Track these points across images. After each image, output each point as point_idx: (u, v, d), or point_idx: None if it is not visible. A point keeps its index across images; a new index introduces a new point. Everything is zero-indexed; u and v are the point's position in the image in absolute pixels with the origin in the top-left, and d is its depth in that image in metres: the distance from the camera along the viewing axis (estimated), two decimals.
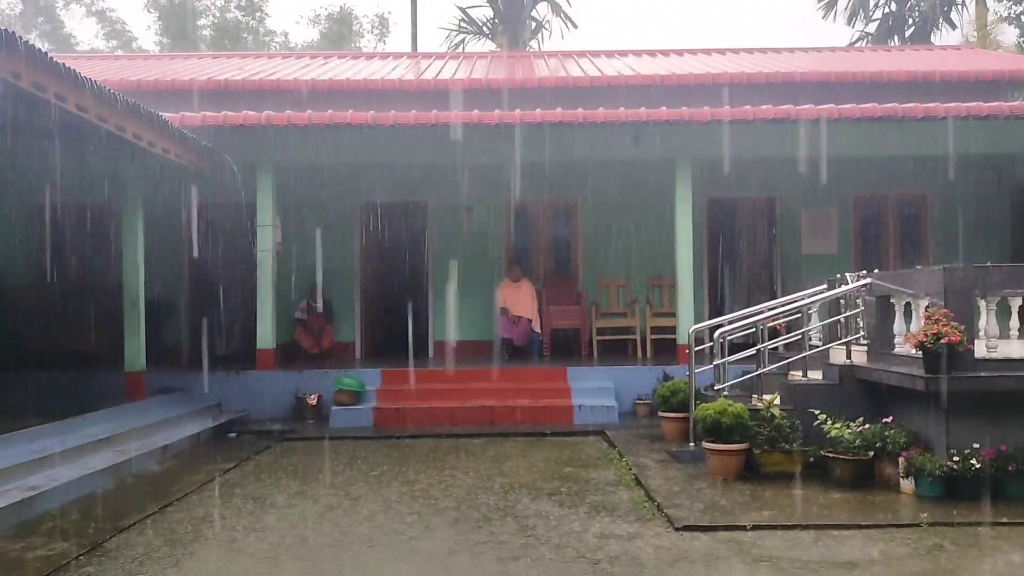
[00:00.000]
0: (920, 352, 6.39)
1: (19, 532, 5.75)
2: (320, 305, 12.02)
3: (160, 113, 8.86)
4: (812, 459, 7.07)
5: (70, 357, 10.92)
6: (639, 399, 10.47)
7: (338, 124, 10.24)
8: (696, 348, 8.62)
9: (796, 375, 8.27)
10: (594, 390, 10.56)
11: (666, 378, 9.72)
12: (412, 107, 10.80)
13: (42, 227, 12.71)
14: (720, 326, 8.47)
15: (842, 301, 8.34)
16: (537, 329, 12.29)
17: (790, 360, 8.51)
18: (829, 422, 7.03)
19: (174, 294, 12.59)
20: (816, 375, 8.11)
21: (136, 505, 6.48)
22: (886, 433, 6.73)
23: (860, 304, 7.99)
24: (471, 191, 12.63)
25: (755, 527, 5.66)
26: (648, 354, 12.14)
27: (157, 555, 5.28)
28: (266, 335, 10.95)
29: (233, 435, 9.65)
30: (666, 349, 11.81)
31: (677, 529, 5.66)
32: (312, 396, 10.45)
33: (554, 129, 10.45)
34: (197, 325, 12.82)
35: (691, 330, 8.87)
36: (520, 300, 12.26)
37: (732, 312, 9.52)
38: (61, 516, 6.18)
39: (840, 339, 8.19)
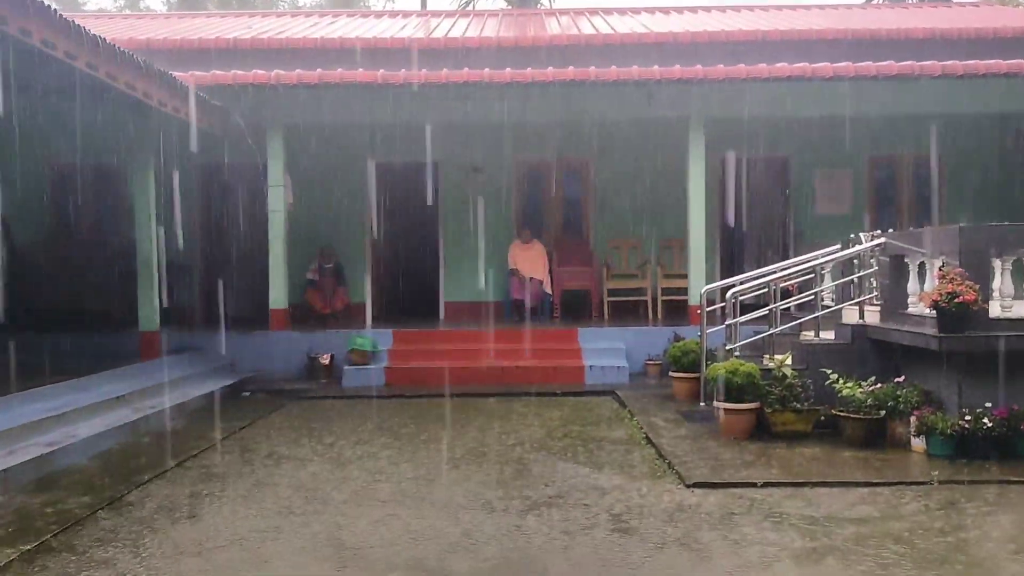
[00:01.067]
0: (934, 311, 6.36)
1: (39, 487, 5.85)
2: (331, 266, 12.05)
3: (170, 72, 8.81)
4: (823, 418, 7.09)
5: (85, 317, 10.99)
6: (650, 360, 10.49)
7: (348, 83, 10.17)
8: (708, 309, 8.62)
9: (808, 335, 8.26)
10: (605, 351, 10.59)
11: (677, 339, 9.72)
12: (422, 66, 10.69)
13: (55, 187, 12.77)
14: (732, 286, 8.45)
15: (856, 261, 8.31)
16: (548, 290, 12.28)
17: (802, 320, 8.50)
18: (841, 382, 7.04)
19: (187, 255, 12.60)
20: (828, 335, 8.10)
21: (153, 461, 6.58)
22: (898, 392, 6.73)
23: (874, 264, 7.95)
24: (482, 151, 12.57)
25: (766, 484, 5.70)
26: (659, 315, 12.13)
27: (174, 508, 5.36)
28: (278, 296, 11.00)
29: (247, 394, 9.74)
30: (677, 310, 11.80)
31: (688, 486, 5.70)
32: (325, 356, 10.52)
33: (566, 88, 10.35)
34: (210, 285, 12.88)
35: (703, 290, 8.86)
36: (531, 261, 12.24)
37: (744, 273, 9.49)
38: (79, 471, 6.27)
39: (853, 299, 8.17)
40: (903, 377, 6.98)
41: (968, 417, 6.23)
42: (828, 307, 8.51)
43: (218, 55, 12.59)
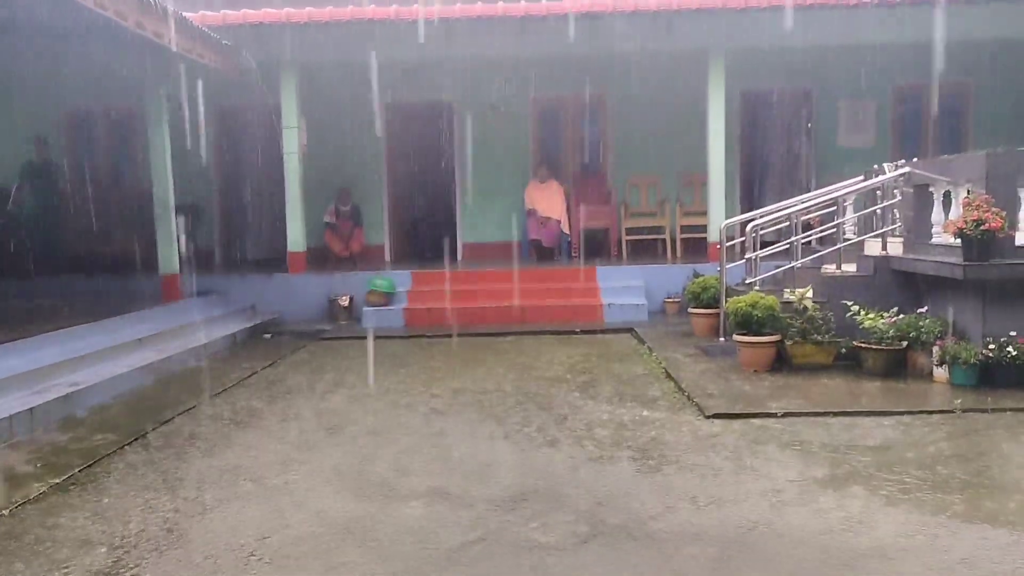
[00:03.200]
0: (959, 240, 6.25)
1: (64, 425, 5.95)
2: (348, 208, 12.03)
3: (181, 12, 8.69)
4: (844, 351, 7.05)
5: (107, 261, 11.07)
6: (669, 297, 10.46)
7: (359, 20, 10.01)
8: (727, 244, 8.53)
9: (830, 268, 8.16)
10: (624, 289, 10.55)
11: (696, 276, 9.64)
12: (435, 1, 10.48)
13: (72, 132, 12.76)
14: (752, 220, 8.34)
15: (878, 192, 8.15)
16: (566, 230, 12.21)
17: (823, 253, 8.39)
18: (862, 313, 6.97)
19: (205, 199, 12.61)
20: (850, 267, 8.00)
21: (176, 399, 6.66)
22: (920, 323, 6.66)
23: (897, 195, 7.80)
24: (497, 88, 12.37)
25: (786, 414, 5.69)
26: (678, 253, 12.05)
27: (198, 443, 5.44)
28: (296, 238, 11.02)
29: (268, 335, 9.83)
30: (696, 248, 11.72)
31: (708, 417, 5.71)
32: (344, 297, 10.57)
33: (582, 20, 10.11)
34: (229, 229, 12.94)
35: (723, 225, 8.76)
36: (548, 200, 12.14)
37: (764, 208, 9.36)
38: (103, 410, 6.37)
39: (876, 231, 8.03)
40: (926, 308, 6.90)
41: (992, 346, 6.16)
42: (850, 239, 8.39)
43: None
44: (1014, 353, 6.07)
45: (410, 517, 4.09)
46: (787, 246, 8.24)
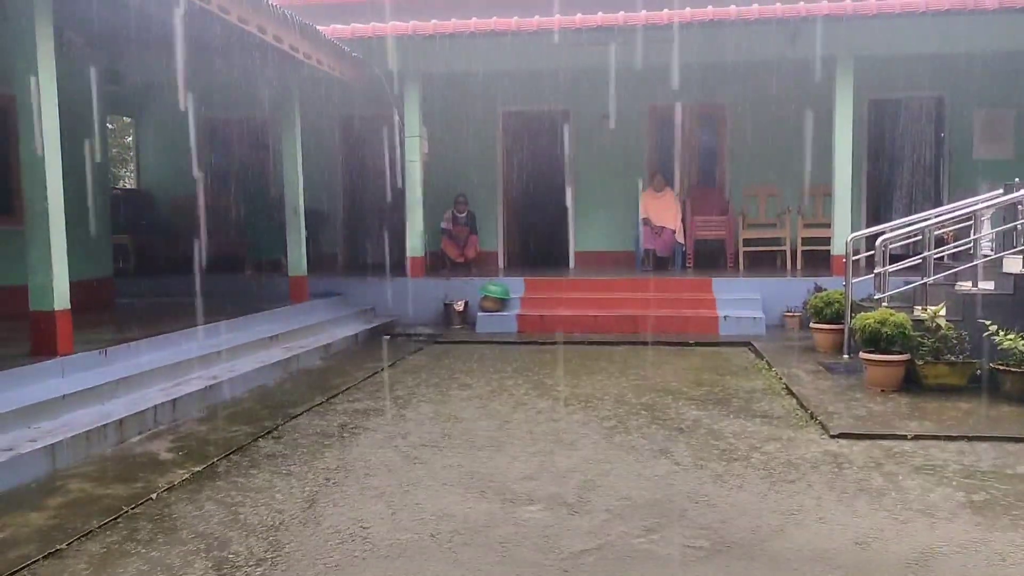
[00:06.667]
0: None
1: (204, 416, 6.32)
2: (464, 215, 12.27)
3: (315, 26, 9.10)
4: (979, 372, 6.70)
5: (239, 262, 11.69)
6: (788, 311, 10.18)
7: (482, 32, 10.20)
8: (853, 258, 8.25)
9: (965, 285, 7.77)
10: (740, 301, 10.35)
11: (818, 289, 9.38)
12: (553, 11, 10.56)
13: (210, 140, 13.52)
14: (881, 234, 8.04)
15: (1020, 207, 7.72)
16: (680, 240, 12.08)
17: (958, 269, 8.00)
18: (1001, 334, 6.61)
19: (329, 203, 13.14)
20: (987, 285, 7.59)
21: (304, 396, 6.98)
22: None
23: None
24: (613, 97, 12.36)
25: (917, 437, 5.46)
26: (798, 266, 11.72)
27: (325, 439, 5.68)
28: (415, 244, 11.34)
29: (387, 337, 10.15)
30: (817, 261, 11.37)
31: (832, 436, 5.54)
32: (459, 302, 10.79)
33: (704, 28, 10.00)
34: (351, 233, 13.41)
35: (849, 238, 8.49)
36: (663, 210, 12.05)
37: (891, 222, 9.02)
38: (237, 403, 6.74)
39: (1016, 247, 7.61)
40: None
41: None
42: (987, 256, 7.97)
43: (357, 8, 12.86)
44: None
45: (529, 521, 4.15)
46: (918, 261, 7.91)
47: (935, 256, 7.94)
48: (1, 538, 3.95)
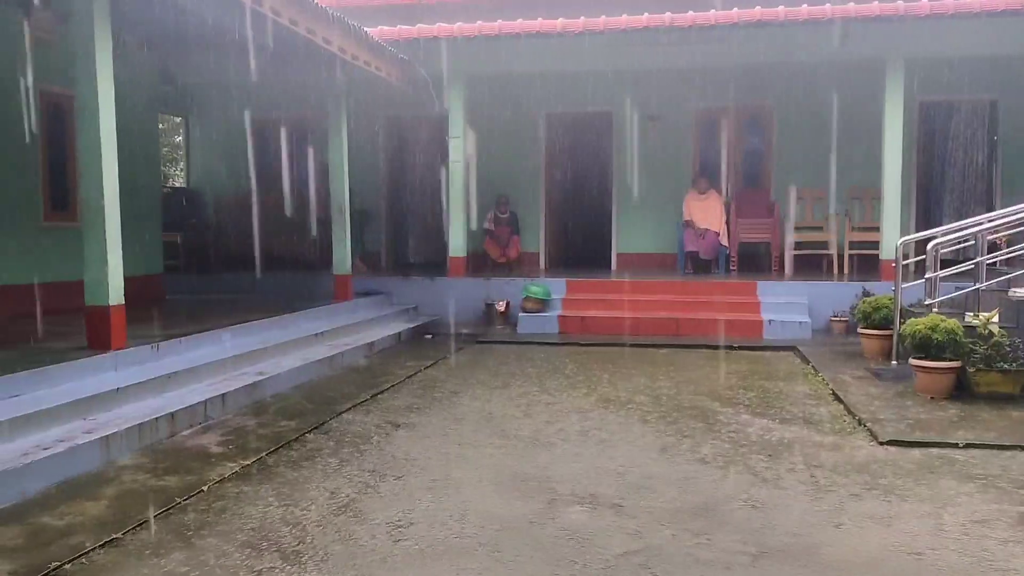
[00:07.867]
0: None
1: (252, 410, 6.43)
2: (507, 216, 12.31)
3: (363, 27, 9.20)
4: None
5: (286, 261, 11.84)
6: (835, 316, 10.04)
7: (527, 33, 10.22)
8: (902, 263, 8.11)
9: (1019, 291, 7.60)
10: (786, 305, 10.23)
11: (866, 294, 9.21)
12: (599, 12, 10.55)
13: (258, 141, 13.71)
14: (932, 238, 7.89)
15: None
16: (724, 242, 11.98)
17: (1012, 276, 7.83)
18: None
19: (372, 204, 13.26)
20: None
21: (350, 392, 7.07)
22: None
23: None
24: (657, 99, 12.31)
25: (968, 445, 5.35)
26: (845, 270, 11.55)
27: (370, 435, 5.74)
28: (458, 244, 11.41)
29: (429, 336, 10.23)
30: (864, 265, 11.21)
31: (881, 443, 5.45)
32: (501, 303, 10.83)
33: (751, 29, 9.91)
34: (394, 233, 13.52)
35: (899, 242, 8.34)
36: (706, 212, 11.96)
37: (941, 226, 8.85)
38: (284, 399, 6.84)
39: None
40: None
41: None
42: None
43: (403, 10, 12.99)
44: None
45: (572, 522, 4.15)
46: (970, 267, 7.76)
47: (988, 261, 7.78)
48: (59, 526, 4.06)
